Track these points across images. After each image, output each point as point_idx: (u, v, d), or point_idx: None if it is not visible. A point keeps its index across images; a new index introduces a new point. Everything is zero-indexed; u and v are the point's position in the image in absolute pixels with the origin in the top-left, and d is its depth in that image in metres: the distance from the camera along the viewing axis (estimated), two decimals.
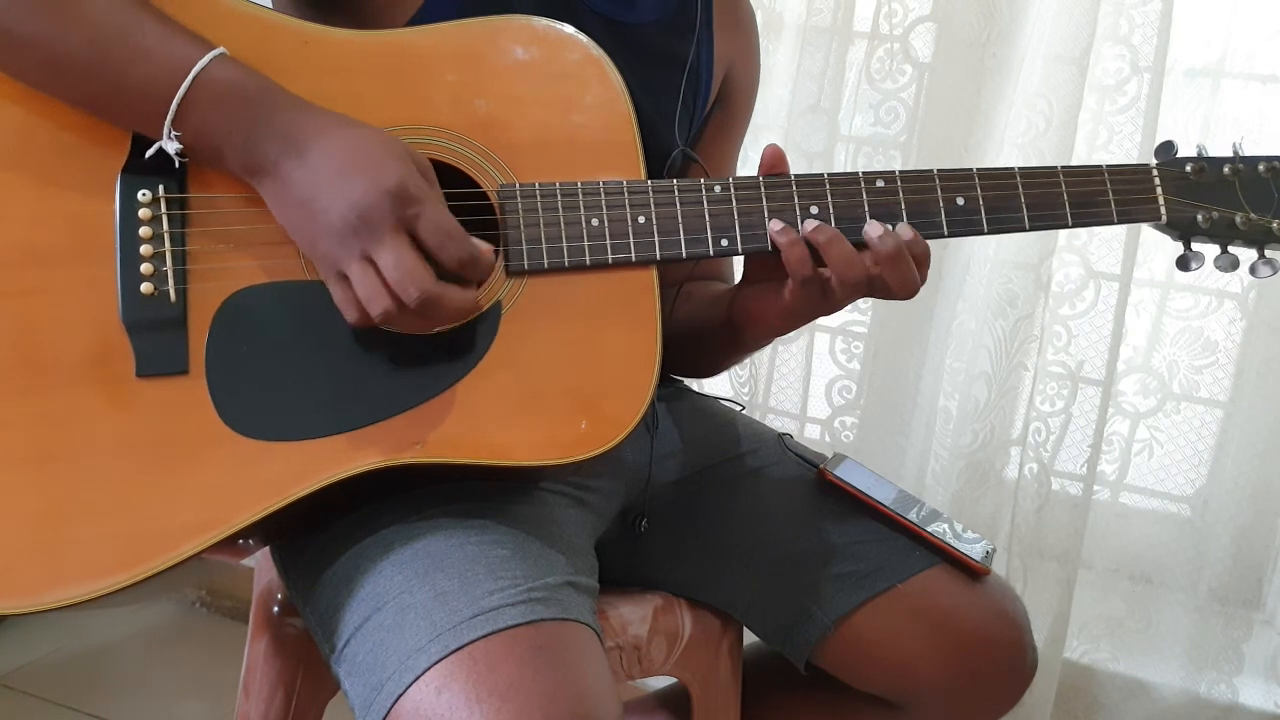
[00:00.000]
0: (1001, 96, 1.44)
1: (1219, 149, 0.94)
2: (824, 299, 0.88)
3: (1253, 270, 0.93)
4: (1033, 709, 1.48)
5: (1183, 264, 0.94)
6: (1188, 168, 0.93)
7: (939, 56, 1.48)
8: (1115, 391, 1.47)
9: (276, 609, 0.97)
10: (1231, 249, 0.94)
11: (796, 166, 1.54)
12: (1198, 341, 1.48)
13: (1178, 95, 1.41)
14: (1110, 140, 1.41)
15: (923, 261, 0.87)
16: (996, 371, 1.45)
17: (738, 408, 1.15)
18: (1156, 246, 1.46)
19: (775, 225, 0.86)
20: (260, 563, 1.05)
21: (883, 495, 1.01)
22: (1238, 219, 0.92)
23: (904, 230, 0.86)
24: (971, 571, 0.99)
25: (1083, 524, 1.47)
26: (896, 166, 1.53)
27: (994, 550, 1.01)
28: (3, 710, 1.66)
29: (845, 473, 1.02)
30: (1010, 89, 1.42)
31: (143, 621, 1.94)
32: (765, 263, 0.89)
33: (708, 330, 1.00)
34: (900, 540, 1.00)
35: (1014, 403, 1.47)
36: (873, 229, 0.86)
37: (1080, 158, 1.41)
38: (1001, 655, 0.99)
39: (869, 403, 1.60)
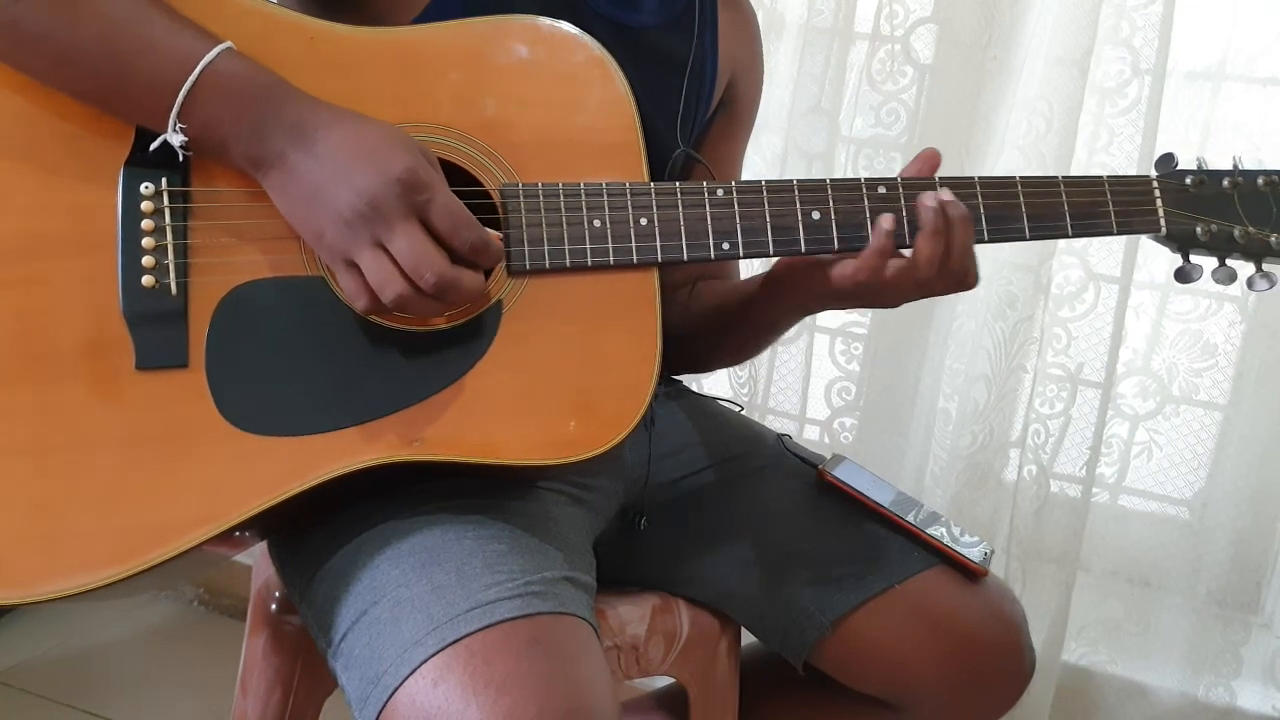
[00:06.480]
0: (1002, 99, 1.44)
1: (1219, 153, 0.93)
2: (876, 296, 0.89)
3: (1249, 284, 0.93)
4: (1030, 711, 1.47)
5: (1181, 276, 0.94)
6: (1188, 180, 0.92)
7: (940, 58, 1.48)
8: (1114, 394, 1.47)
9: (274, 607, 0.97)
10: (1230, 262, 0.93)
11: (797, 168, 1.55)
12: (1197, 344, 1.47)
13: (1178, 98, 1.41)
14: (1111, 143, 1.41)
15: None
16: (996, 373, 1.45)
17: (737, 408, 1.15)
18: (1156, 250, 1.45)
19: (886, 223, 0.86)
20: (258, 561, 1.05)
21: (881, 496, 1.01)
22: (1236, 232, 0.92)
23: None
24: (969, 573, 0.99)
25: (1081, 526, 1.47)
26: (897, 168, 1.52)
27: (992, 552, 1.01)
28: (1, 707, 1.66)
29: (844, 474, 1.02)
30: (1011, 91, 1.42)
31: (141, 619, 1.93)
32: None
33: (735, 306, 1.00)
34: (898, 541, 1.00)
35: (1013, 405, 1.47)
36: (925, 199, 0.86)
37: (1080, 160, 1.41)
38: (999, 657, 0.99)
39: (868, 404, 1.60)
